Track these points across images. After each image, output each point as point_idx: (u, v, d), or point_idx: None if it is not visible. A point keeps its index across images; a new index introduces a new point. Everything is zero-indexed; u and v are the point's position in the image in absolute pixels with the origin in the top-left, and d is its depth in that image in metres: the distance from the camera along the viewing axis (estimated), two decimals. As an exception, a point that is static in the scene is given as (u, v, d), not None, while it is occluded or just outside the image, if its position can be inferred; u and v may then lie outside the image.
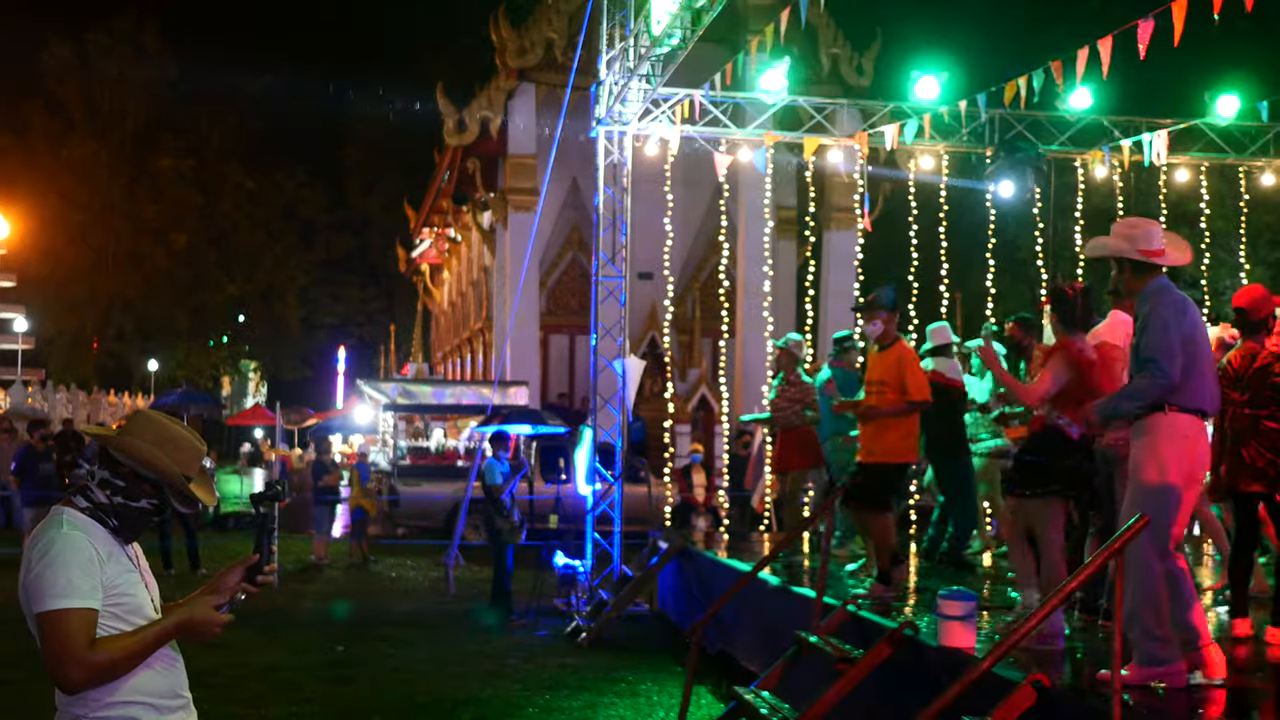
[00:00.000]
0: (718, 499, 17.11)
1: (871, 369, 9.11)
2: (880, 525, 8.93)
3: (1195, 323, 5.81)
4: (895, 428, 8.83)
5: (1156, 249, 5.88)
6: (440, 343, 44.92)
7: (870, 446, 8.93)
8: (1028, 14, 31.99)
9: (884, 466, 8.87)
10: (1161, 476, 5.65)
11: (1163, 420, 5.69)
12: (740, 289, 26.23)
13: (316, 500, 19.71)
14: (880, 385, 8.90)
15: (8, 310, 39.77)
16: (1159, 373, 5.60)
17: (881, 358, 9.02)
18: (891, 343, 9.03)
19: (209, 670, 9.60)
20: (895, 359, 8.91)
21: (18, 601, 3.44)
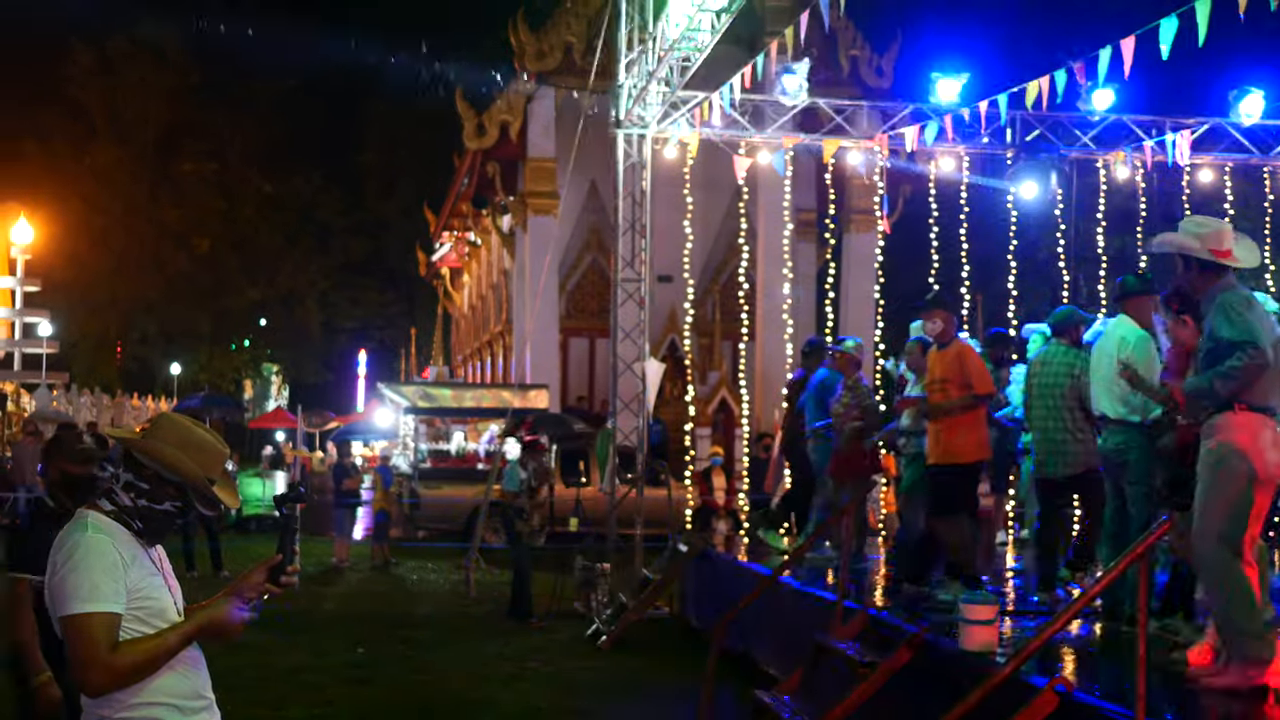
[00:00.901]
0: (738, 502, 17.06)
1: (932, 368, 9.12)
2: (956, 528, 8.88)
3: (1262, 318, 5.76)
4: (963, 427, 8.80)
5: (1225, 249, 5.84)
6: (460, 346, 44.96)
7: (940, 448, 8.89)
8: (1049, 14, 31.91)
9: (956, 467, 8.84)
10: (1235, 475, 5.60)
11: (1233, 419, 5.64)
12: (760, 292, 26.18)
13: (337, 503, 19.78)
14: (943, 383, 8.91)
15: (33, 314, 39.87)
16: (1254, 353, 5.52)
17: (941, 356, 9.03)
18: (950, 340, 9.05)
19: (231, 671, 9.61)
20: (955, 355, 8.93)
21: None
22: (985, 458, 9.16)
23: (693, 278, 17.45)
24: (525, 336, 26.56)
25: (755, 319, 24.60)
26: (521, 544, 14.01)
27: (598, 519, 16.23)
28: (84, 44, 55.17)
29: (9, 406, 30.88)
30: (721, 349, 28.90)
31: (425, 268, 47.92)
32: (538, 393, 23.55)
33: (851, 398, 11.26)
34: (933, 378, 9.10)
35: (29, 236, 39.04)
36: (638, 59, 14.15)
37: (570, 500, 19.14)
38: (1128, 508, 7.58)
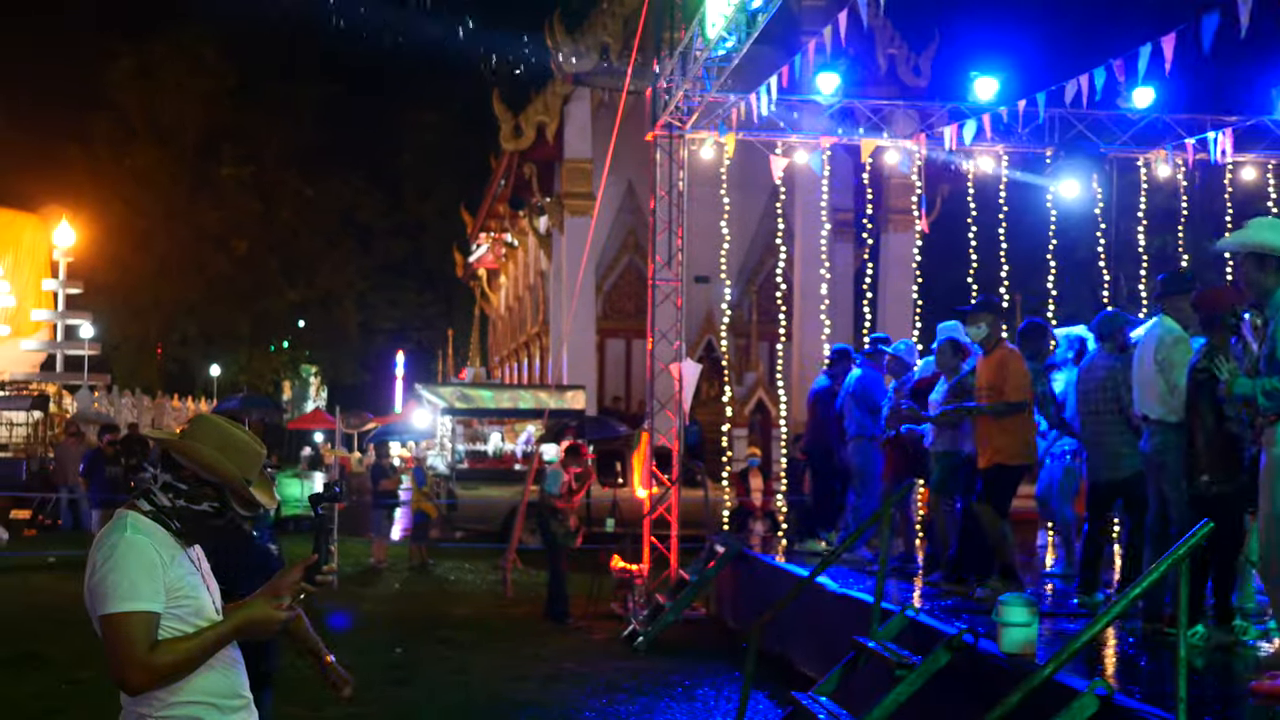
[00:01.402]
0: (775, 503, 17.02)
1: (980, 374, 9.10)
2: (997, 527, 8.88)
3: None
4: (1006, 429, 8.77)
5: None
6: (497, 347, 45.09)
7: (984, 449, 8.89)
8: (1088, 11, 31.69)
9: (998, 468, 8.82)
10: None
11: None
12: (797, 292, 26.14)
13: (375, 504, 19.85)
14: (989, 389, 8.88)
15: (75, 317, 40.25)
16: None
17: (986, 362, 9.00)
18: (995, 346, 9.00)
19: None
20: (998, 361, 8.89)
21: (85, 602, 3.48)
22: (1031, 461, 9.16)
23: (730, 278, 17.42)
24: (562, 337, 26.60)
25: (792, 320, 24.54)
26: (558, 545, 14.02)
27: (634, 520, 16.21)
28: (125, 48, 55.65)
29: (51, 408, 31.15)
30: (758, 350, 28.86)
31: (462, 269, 48.10)
32: (574, 394, 23.57)
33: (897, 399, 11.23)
34: (980, 384, 9.08)
35: (71, 239, 39.42)
36: (674, 59, 14.14)
37: (607, 501, 19.13)
38: (1169, 510, 7.53)
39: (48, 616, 13.25)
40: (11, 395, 30.67)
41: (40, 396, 31.21)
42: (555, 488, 14.13)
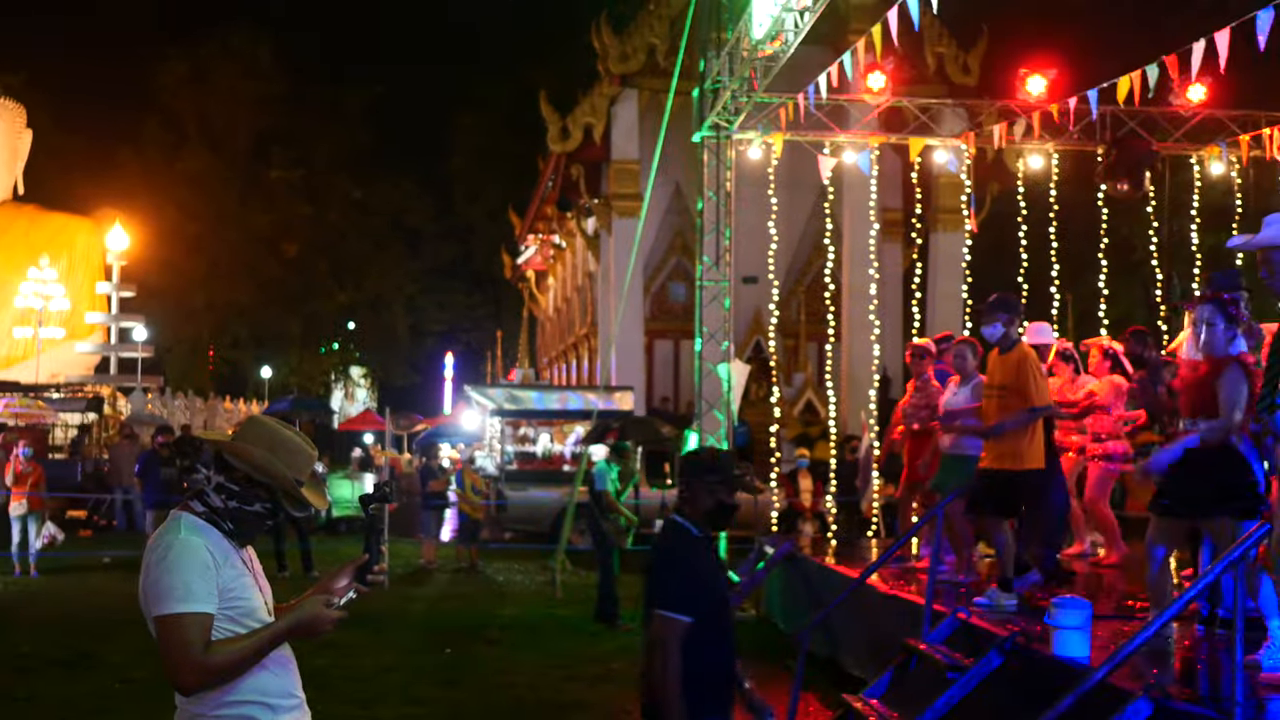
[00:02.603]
0: (825, 504, 16.97)
1: (992, 374, 8.83)
2: (1005, 532, 8.72)
3: None
4: (1025, 432, 8.59)
5: None
6: (546, 348, 45.20)
7: (994, 452, 8.70)
8: (1140, 6, 31.37)
9: (1008, 473, 8.63)
10: None
11: None
12: (846, 292, 26.05)
13: (425, 505, 19.94)
14: (1001, 390, 8.63)
15: (128, 319, 40.74)
16: None
17: (1002, 362, 8.74)
18: (1012, 346, 8.78)
19: (321, 671, 9.74)
20: (1016, 363, 8.63)
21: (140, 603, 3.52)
22: (1040, 466, 8.84)
23: (778, 279, 17.38)
24: (610, 338, 26.63)
25: (841, 320, 24.45)
26: (608, 546, 14.02)
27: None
28: (176, 52, 56.24)
29: (106, 410, 31.51)
30: (807, 350, 28.80)
31: (511, 271, 48.24)
32: (623, 394, 23.59)
33: (921, 396, 11.16)
34: (991, 383, 8.85)
35: (124, 243, 39.86)
36: (721, 60, 14.12)
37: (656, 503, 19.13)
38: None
39: (103, 616, 13.40)
40: (67, 397, 31.05)
41: (95, 398, 31.59)
42: (604, 484, 14.14)
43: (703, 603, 4.81)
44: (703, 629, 4.74)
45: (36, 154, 44.08)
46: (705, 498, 5.00)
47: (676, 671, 4.70)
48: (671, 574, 4.91)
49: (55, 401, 29.32)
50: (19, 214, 42.59)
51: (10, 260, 40.75)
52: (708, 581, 4.94)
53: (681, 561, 4.92)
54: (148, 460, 19.24)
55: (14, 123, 42.59)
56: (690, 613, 4.74)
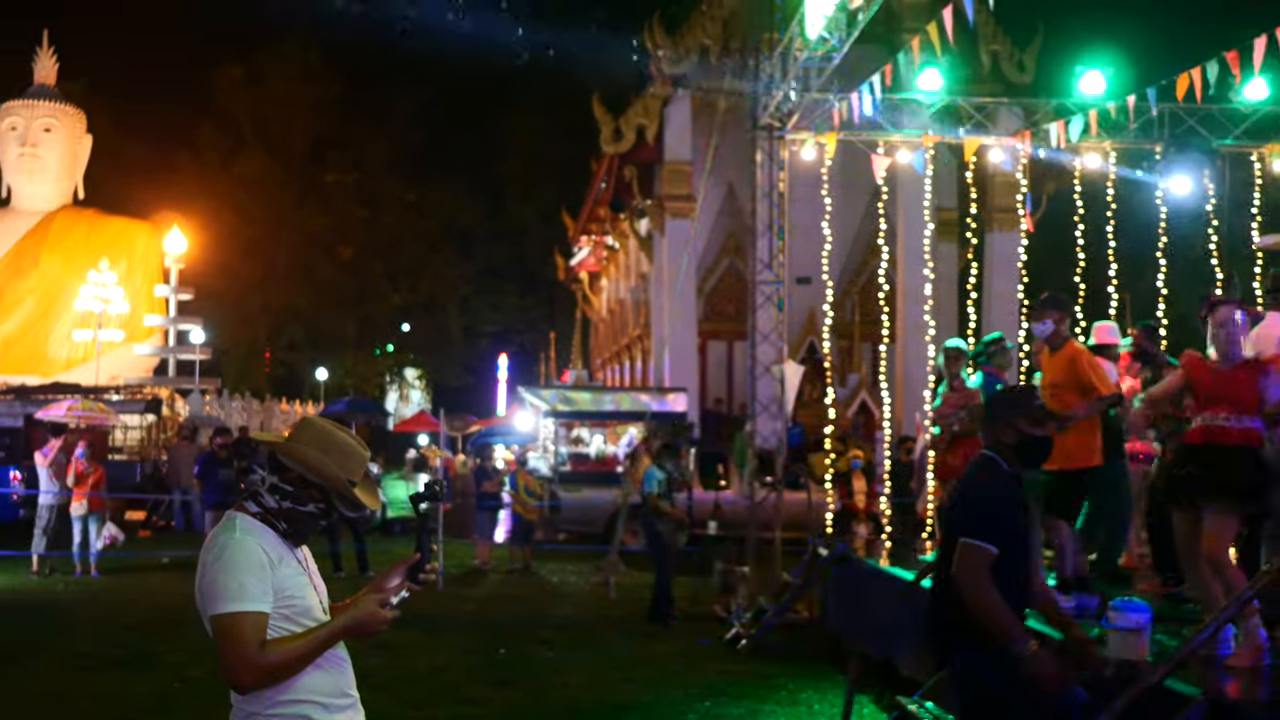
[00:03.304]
0: (879, 506, 16.87)
1: (1046, 372, 8.82)
2: (1068, 533, 8.64)
3: None
4: (1075, 431, 8.51)
5: None
6: (599, 350, 45.25)
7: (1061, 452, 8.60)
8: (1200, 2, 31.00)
9: (1066, 472, 8.55)
10: None
11: None
12: (900, 292, 25.91)
13: (479, 505, 20.02)
14: (1055, 388, 8.59)
15: (186, 322, 41.18)
16: None
17: (1053, 360, 8.71)
18: (1062, 344, 8.73)
19: (375, 671, 9.80)
20: (1068, 360, 8.60)
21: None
22: (1098, 464, 8.76)
23: (831, 279, 17.30)
24: (663, 340, 26.62)
25: (895, 321, 24.34)
26: (662, 546, 14.01)
27: (737, 522, 16.16)
28: (233, 57, 56.83)
29: (164, 411, 31.86)
30: (861, 351, 28.68)
31: (564, 272, 48.35)
32: (676, 396, 23.58)
33: (956, 397, 11.10)
34: (1045, 383, 8.79)
35: (182, 246, 40.28)
36: (774, 60, 14.08)
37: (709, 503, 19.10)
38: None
39: (161, 616, 13.55)
40: (126, 399, 31.41)
41: (153, 400, 31.94)
42: (652, 486, 14.13)
43: (1006, 535, 5.03)
44: (1003, 560, 4.97)
45: (96, 159, 44.64)
46: (1009, 432, 5.23)
47: (992, 591, 4.92)
48: (980, 506, 5.14)
49: (115, 403, 29.64)
50: (79, 218, 43.14)
51: (71, 264, 41.29)
52: (1013, 516, 5.13)
53: (990, 495, 5.16)
54: (206, 461, 19.44)
55: (74, 128, 43.15)
56: (995, 543, 4.96)
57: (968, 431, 11.10)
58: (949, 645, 5.17)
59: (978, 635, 4.97)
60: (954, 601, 5.04)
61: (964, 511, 5.18)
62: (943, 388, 11.48)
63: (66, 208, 43.17)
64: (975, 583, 4.93)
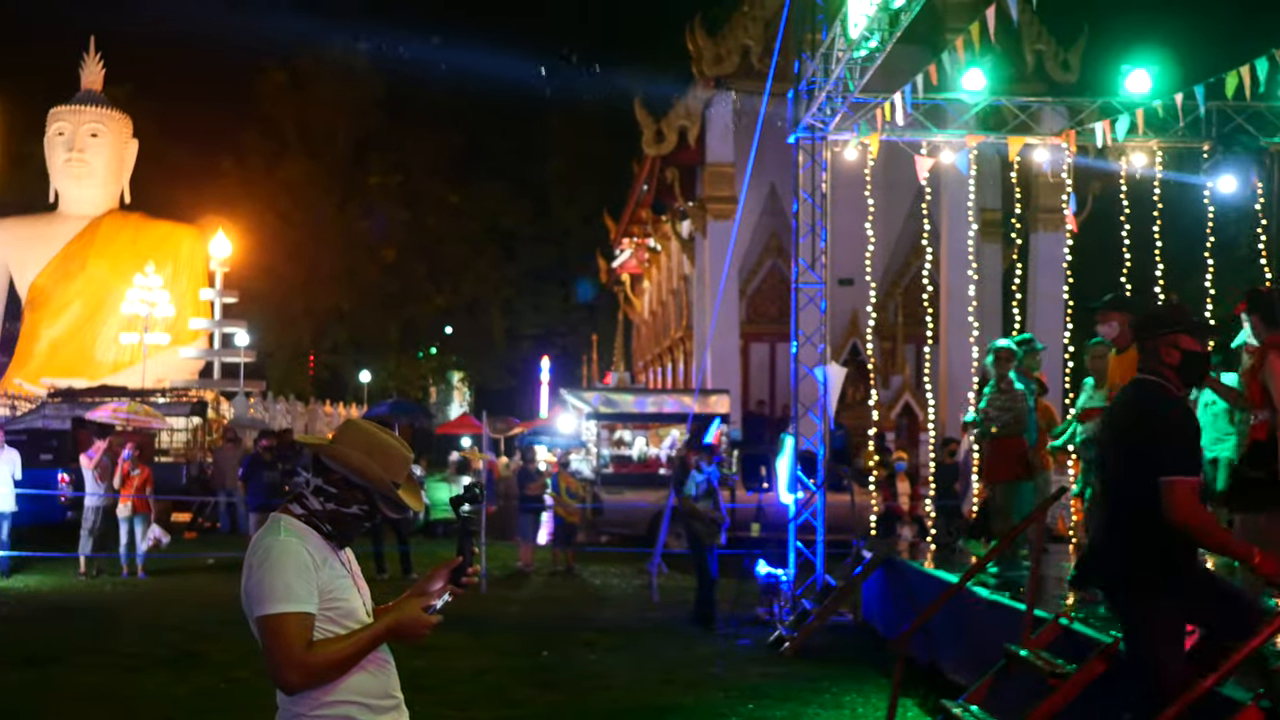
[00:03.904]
0: (923, 508, 16.79)
1: (1112, 374, 8.73)
2: None
3: None
4: None
5: None
6: (641, 351, 45.26)
7: None
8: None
9: None
10: None
11: None
12: (944, 293, 25.77)
13: (522, 508, 20.05)
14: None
15: (231, 325, 41.54)
16: None
17: (1120, 361, 8.63)
18: (1129, 345, 8.64)
19: (419, 672, 9.83)
20: (1134, 361, 8.51)
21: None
22: None
23: (874, 280, 17.23)
24: (705, 341, 26.58)
25: (939, 322, 24.20)
26: (704, 546, 13.98)
27: (780, 525, 16.11)
28: (276, 62, 57.24)
29: (209, 414, 32.11)
30: (904, 352, 28.53)
31: (606, 274, 48.40)
32: (718, 398, 23.54)
33: (1004, 399, 11.02)
34: (1113, 383, 8.72)
35: (227, 250, 40.60)
36: (816, 60, 14.02)
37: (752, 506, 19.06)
38: None
39: (208, 617, 13.65)
40: (171, 402, 31.67)
41: (199, 403, 32.20)
42: (690, 488, 14.11)
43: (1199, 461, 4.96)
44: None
45: (142, 163, 45.07)
46: (1171, 352, 5.03)
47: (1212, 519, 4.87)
48: (1172, 439, 4.90)
49: (160, 406, 29.88)
50: (125, 222, 43.57)
51: (117, 267, 41.71)
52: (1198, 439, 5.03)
53: (1177, 425, 4.93)
54: (251, 463, 19.58)
55: (121, 133, 43.58)
56: (1196, 471, 4.84)
57: (1011, 433, 11.03)
58: (1123, 590, 5.06)
59: (1152, 580, 4.90)
60: (1129, 545, 4.94)
61: (1155, 446, 4.93)
62: (989, 389, 11.39)
63: (113, 212, 43.60)
64: (1195, 516, 4.77)
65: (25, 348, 42.32)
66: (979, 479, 13.35)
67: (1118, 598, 5.16)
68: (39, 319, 42.57)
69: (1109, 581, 5.17)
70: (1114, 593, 5.16)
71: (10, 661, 11.29)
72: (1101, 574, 5.20)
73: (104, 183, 43.15)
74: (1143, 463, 4.91)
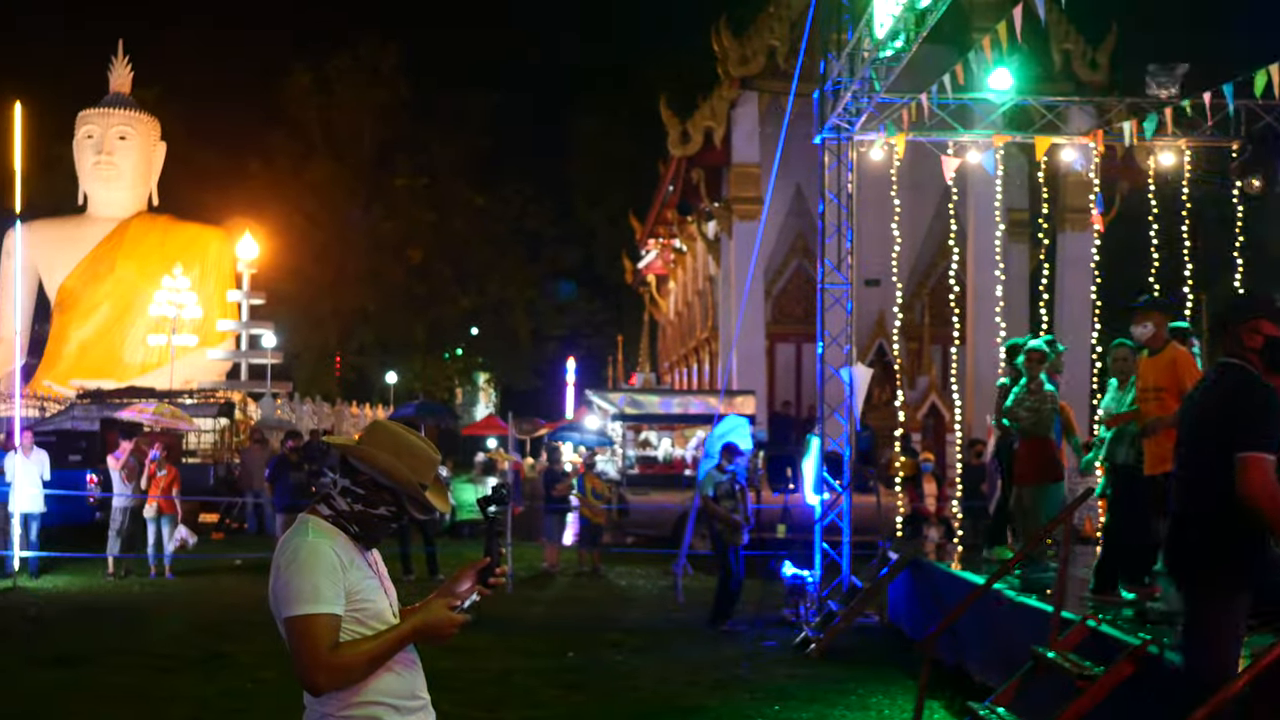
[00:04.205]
0: (950, 509, 16.73)
1: (1144, 375, 8.65)
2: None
3: None
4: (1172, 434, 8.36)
5: None
6: (667, 352, 45.27)
7: (1158, 456, 8.47)
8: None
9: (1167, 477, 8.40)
10: None
11: None
12: (970, 294, 25.68)
13: (547, 509, 20.06)
14: (1157, 391, 8.45)
15: (258, 326, 41.74)
16: None
17: (1154, 363, 8.56)
18: (1163, 346, 8.60)
19: (446, 673, 9.84)
20: (1169, 362, 8.45)
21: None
22: None
23: (901, 281, 17.18)
24: (731, 342, 26.57)
25: (966, 322, 24.13)
26: (723, 548, 13.94)
27: (805, 526, 16.09)
28: (302, 64, 57.46)
29: (236, 415, 32.25)
30: (931, 353, 28.46)
31: (631, 275, 48.42)
32: (744, 398, 23.51)
33: (1033, 400, 10.96)
34: (1145, 385, 8.65)
35: (254, 252, 40.79)
36: (842, 61, 13.99)
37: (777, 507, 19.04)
38: None
39: (235, 617, 13.70)
40: (199, 403, 31.83)
41: (226, 404, 32.34)
42: (709, 488, 14.08)
43: (1276, 442, 4.92)
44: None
45: (170, 166, 45.33)
46: (1253, 336, 5.08)
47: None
48: (1253, 417, 4.94)
49: (188, 407, 30.04)
50: (153, 224, 43.83)
51: (145, 269, 41.97)
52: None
53: (1259, 404, 4.96)
54: (277, 465, 19.63)
55: (149, 136, 43.84)
56: (1273, 449, 4.85)
57: (1040, 434, 10.97)
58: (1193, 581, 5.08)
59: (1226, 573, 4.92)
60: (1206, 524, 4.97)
61: (1236, 425, 4.96)
62: (1018, 389, 11.32)
63: (141, 214, 43.86)
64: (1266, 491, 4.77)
65: (54, 349, 42.61)
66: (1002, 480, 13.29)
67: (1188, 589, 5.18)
68: (68, 321, 42.86)
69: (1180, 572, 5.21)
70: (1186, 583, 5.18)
71: (40, 661, 11.36)
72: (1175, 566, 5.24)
73: (132, 185, 43.41)
74: (1223, 443, 4.95)
